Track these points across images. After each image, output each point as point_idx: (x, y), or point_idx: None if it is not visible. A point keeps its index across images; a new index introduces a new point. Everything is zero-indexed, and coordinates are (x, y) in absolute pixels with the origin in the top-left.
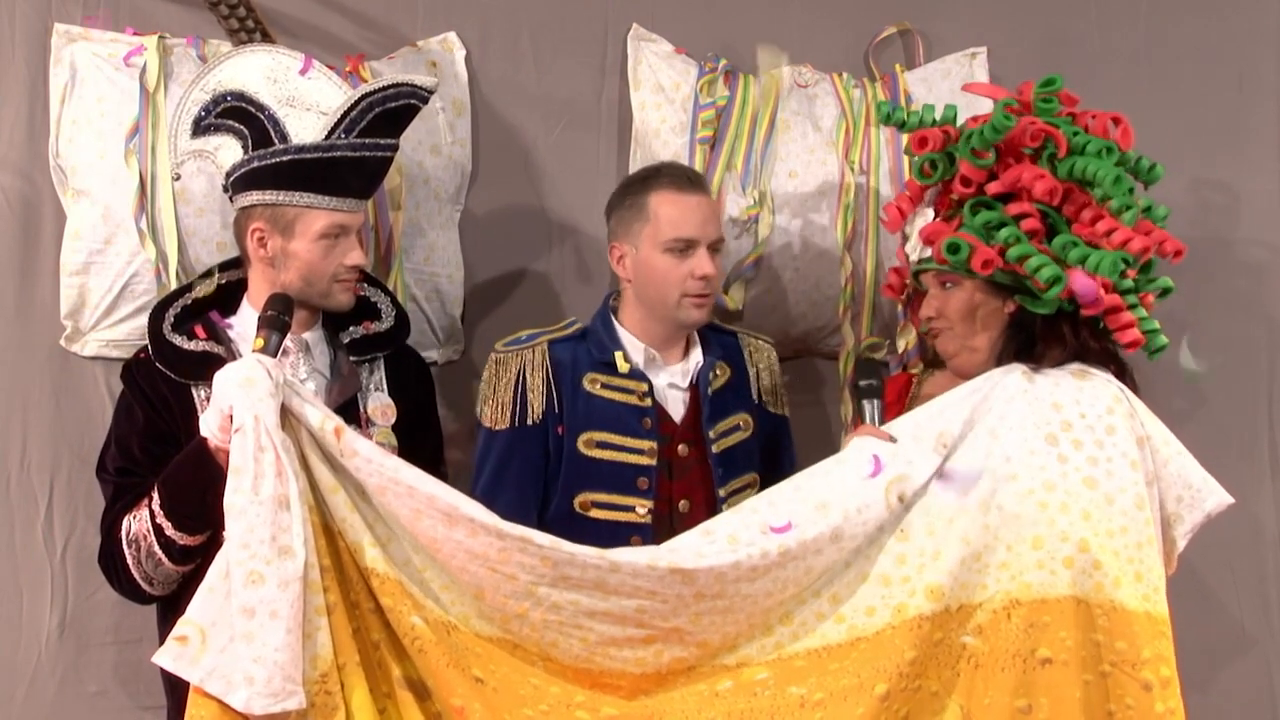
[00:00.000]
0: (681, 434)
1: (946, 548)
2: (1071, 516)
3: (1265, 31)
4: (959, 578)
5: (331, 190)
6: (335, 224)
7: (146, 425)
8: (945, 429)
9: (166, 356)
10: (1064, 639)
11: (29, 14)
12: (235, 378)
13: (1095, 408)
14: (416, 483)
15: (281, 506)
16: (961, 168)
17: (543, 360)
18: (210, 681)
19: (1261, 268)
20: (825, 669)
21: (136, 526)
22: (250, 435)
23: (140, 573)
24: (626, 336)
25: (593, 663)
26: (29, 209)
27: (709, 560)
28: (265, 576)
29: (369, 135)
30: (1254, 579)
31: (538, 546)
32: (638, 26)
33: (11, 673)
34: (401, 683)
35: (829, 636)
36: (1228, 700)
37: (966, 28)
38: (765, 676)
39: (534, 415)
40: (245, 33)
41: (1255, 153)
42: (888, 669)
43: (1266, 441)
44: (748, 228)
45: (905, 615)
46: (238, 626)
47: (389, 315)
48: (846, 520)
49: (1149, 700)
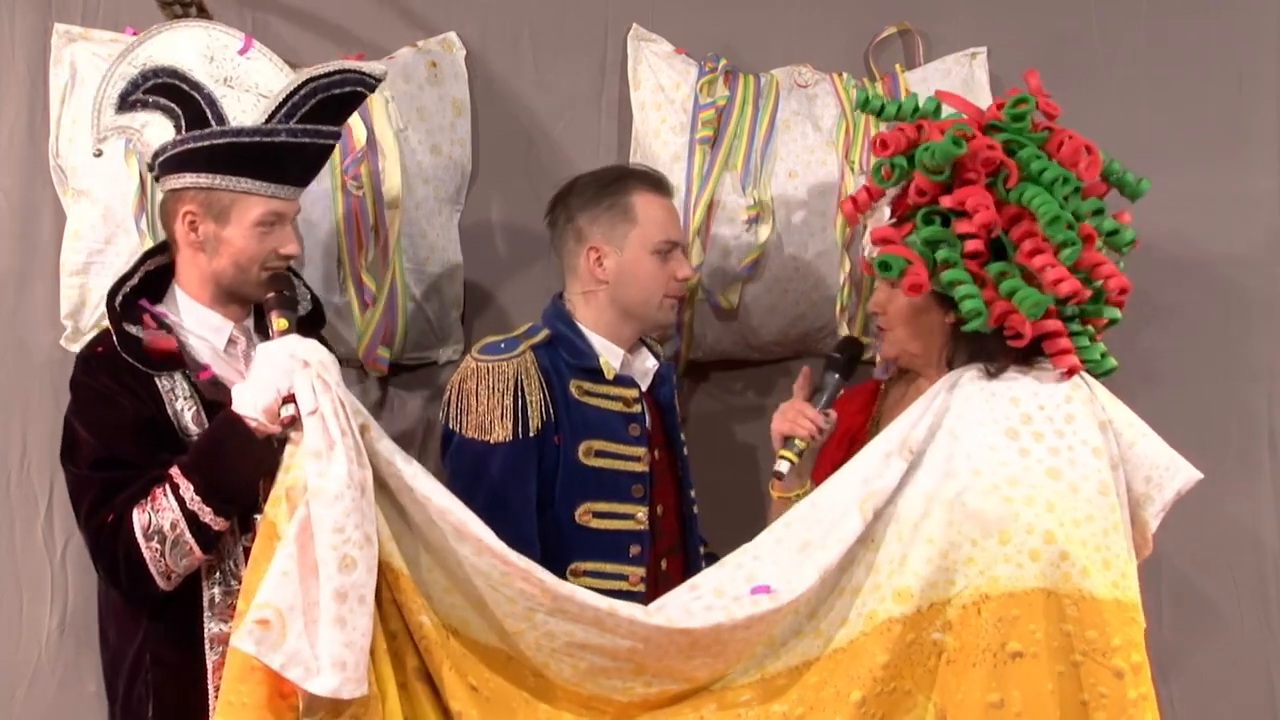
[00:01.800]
0: (655, 439)
1: (913, 550)
2: (1036, 509)
3: (1265, 31)
4: (926, 578)
5: (270, 177)
6: (272, 211)
7: (134, 414)
8: (911, 434)
9: (131, 349)
10: (1033, 631)
11: (29, 14)
12: (306, 357)
13: (1053, 397)
14: (431, 493)
15: (364, 492)
16: (915, 178)
17: (534, 368)
18: (290, 667)
19: (1261, 267)
20: (805, 684)
21: (159, 520)
22: (332, 419)
23: (160, 568)
24: (598, 341)
25: (582, 687)
26: (29, 209)
27: (703, 619)
28: (358, 561)
29: (311, 121)
30: (1254, 579)
31: (539, 579)
32: (638, 26)
33: (11, 673)
34: (417, 674)
35: (808, 652)
36: (1228, 700)
37: (966, 28)
38: (749, 698)
39: (534, 426)
40: (180, 5)
41: (1255, 153)
42: (861, 675)
43: (1266, 441)
44: (748, 228)
45: (875, 621)
46: (328, 612)
47: (306, 300)
48: (827, 553)
49: (1121, 687)
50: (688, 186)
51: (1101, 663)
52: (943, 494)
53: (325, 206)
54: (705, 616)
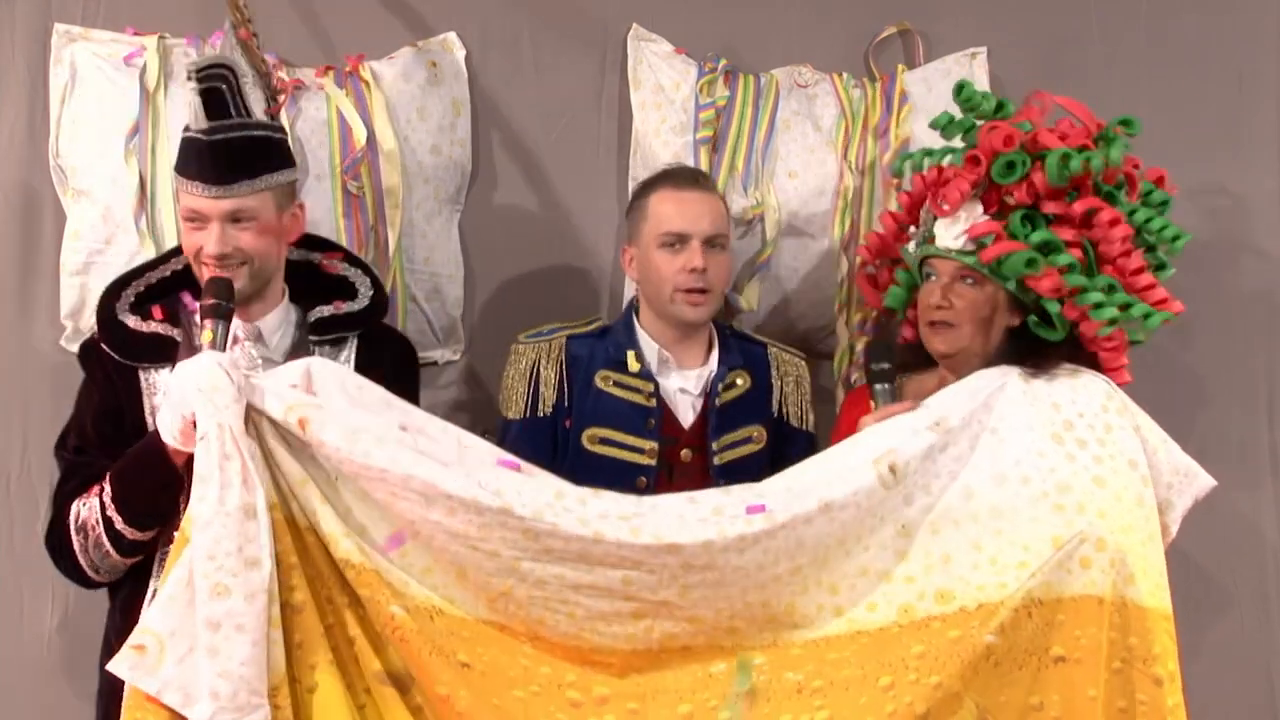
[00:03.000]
0: (687, 439)
1: (956, 553)
2: (1089, 516)
3: (1265, 31)
4: (974, 583)
5: (187, 174)
6: (189, 208)
7: (100, 404)
8: (944, 415)
9: (114, 337)
10: (1078, 637)
11: (29, 14)
12: (195, 384)
13: (1091, 405)
14: (389, 464)
15: (248, 516)
16: (1037, 180)
17: (559, 354)
18: (167, 693)
19: (1261, 268)
20: (823, 658)
21: (85, 514)
22: (215, 443)
23: (86, 560)
24: (643, 337)
25: (582, 639)
26: (29, 209)
27: (694, 532)
28: (231, 589)
29: (213, 118)
30: (1254, 579)
31: (518, 519)
32: (638, 26)
33: (11, 673)
34: (381, 678)
35: (827, 628)
36: (1228, 700)
37: (966, 28)
38: (761, 662)
39: (544, 407)
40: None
41: (1255, 153)
42: (893, 662)
43: (1266, 441)
44: (753, 227)
45: (913, 616)
46: (202, 640)
47: (365, 296)
48: (831, 489)
49: (1161, 695)
50: None
51: (1143, 670)
52: (992, 499)
53: (325, 207)
54: (697, 530)
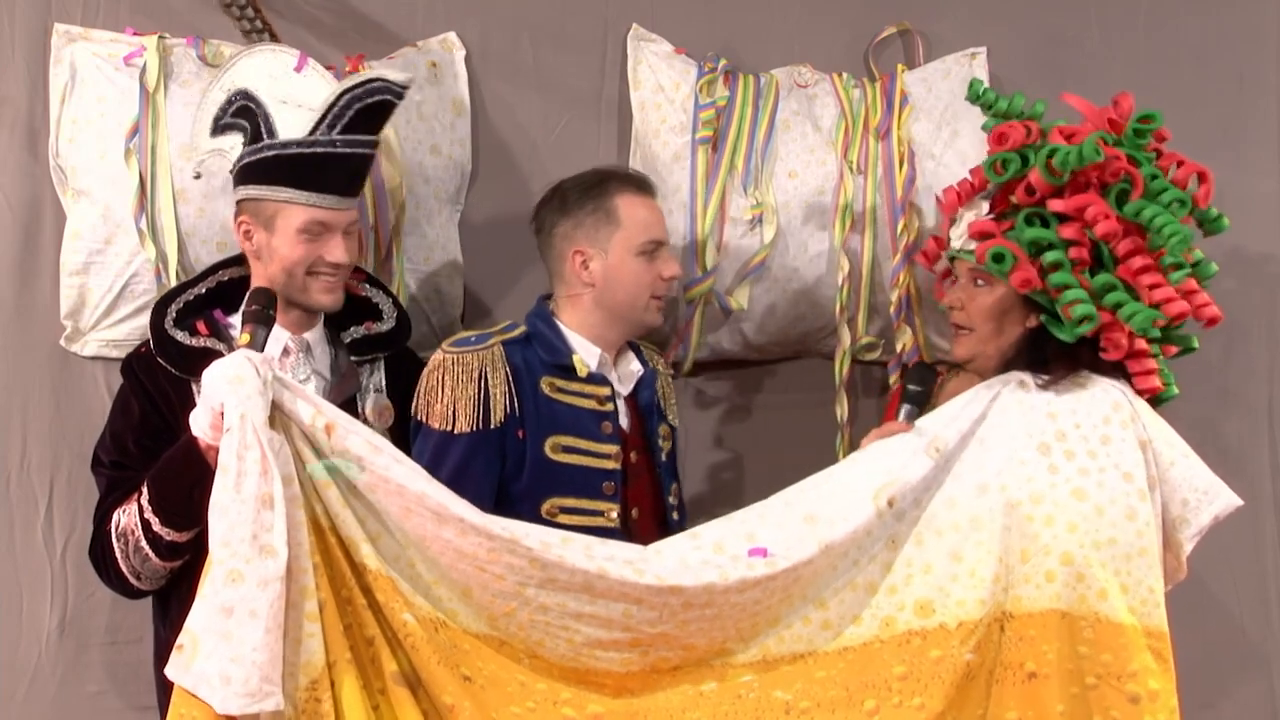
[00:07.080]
0: (632, 441)
1: (937, 562)
2: (1056, 529)
3: (1265, 31)
4: (952, 594)
5: (310, 186)
6: (314, 220)
7: (141, 419)
8: (941, 434)
9: (169, 352)
10: (1046, 652)
11: (29, 14)
12: (223, 375)
13: (1091, 417)
14: (406, 480)
15: (265, 505)
16: (1032, 177)
17: (501, 362)
18: (200, 687)
19: (1261, 268)
20: (811, 676)
21: (125, 521)
22: (236, 433)
23: (128, 567)
24: (577, 340)
25: (579, 662)
26: (29, 209)
27: (697, 575)
28: (245, 575)
29: (350, 131)
30: (1254, 580)
31: (526, 548)
32: (638, 26)
33: (11, 673)
34: (396, 678)
35: (815, 643)
36: (1228, 702)
37: (966, 28)
38: (750, 679)
39: (496, 419)
40: (255, 33)
41: (1255, 153)
42: (875, 684)
43: (1266, 441)
44: (752, 228)
45: (894, 630)
46: (215, 625)
47: (390, 316)
48: (833, 529)
49: (1136, 712)
50: (691, 188)
51: (1115, 686)
52: (973, 509)
53: None
54: (699, 573)
